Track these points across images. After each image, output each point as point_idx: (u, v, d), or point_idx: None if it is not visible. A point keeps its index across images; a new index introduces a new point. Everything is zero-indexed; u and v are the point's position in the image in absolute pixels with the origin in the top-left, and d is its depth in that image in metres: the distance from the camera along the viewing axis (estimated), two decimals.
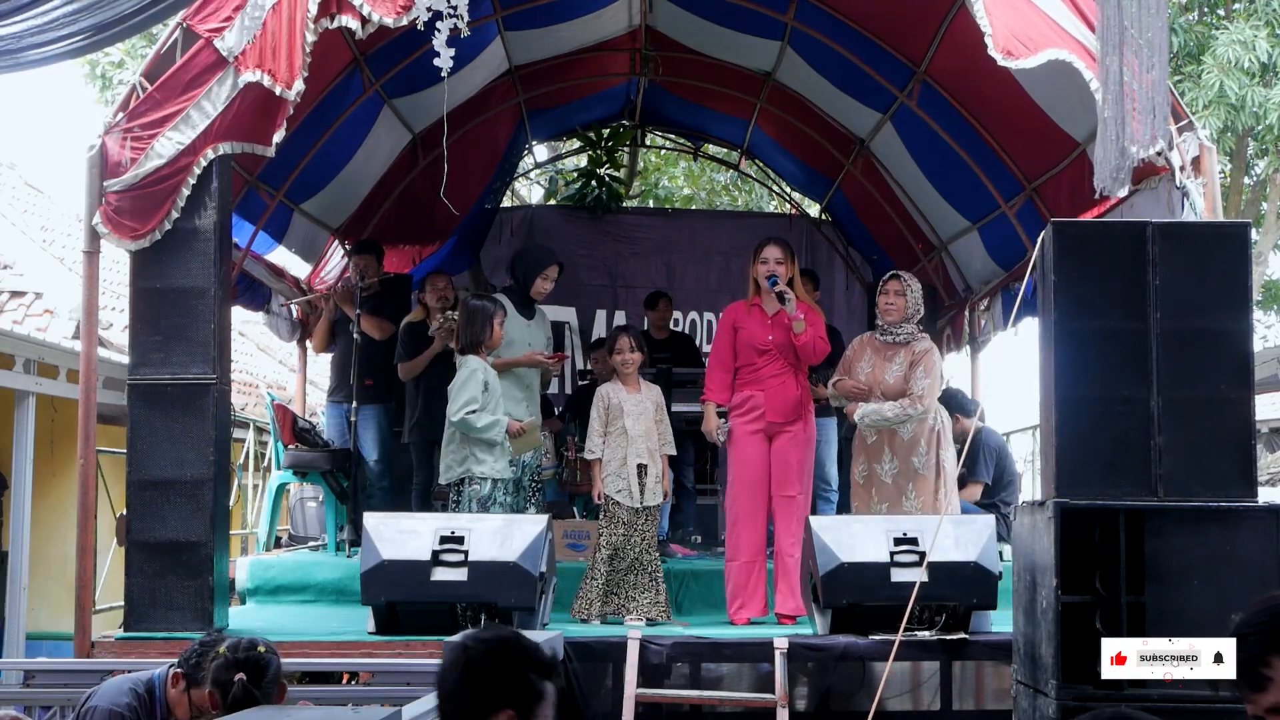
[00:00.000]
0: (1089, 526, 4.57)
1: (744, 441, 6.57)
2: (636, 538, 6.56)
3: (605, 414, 6.68)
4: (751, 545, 6.54)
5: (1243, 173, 14.40)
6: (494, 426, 6.34)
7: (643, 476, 6.60)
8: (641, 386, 6.78)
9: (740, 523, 6.55)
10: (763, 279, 6.56)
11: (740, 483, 6.58)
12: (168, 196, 5.73)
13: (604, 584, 6.52)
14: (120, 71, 14.31)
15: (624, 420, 6.63)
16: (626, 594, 6.52)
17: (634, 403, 6.68)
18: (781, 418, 6.55)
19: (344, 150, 8.42)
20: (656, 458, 6.66)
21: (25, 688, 5.22)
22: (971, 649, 5.80)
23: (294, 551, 8.83)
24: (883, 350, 6.68)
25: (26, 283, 10.56)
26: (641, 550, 6.56)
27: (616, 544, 6.55)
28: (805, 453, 6.66)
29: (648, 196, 15.07)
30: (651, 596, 6.51)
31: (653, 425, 6.68)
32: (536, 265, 7.03)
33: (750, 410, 6.57)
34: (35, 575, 9.91)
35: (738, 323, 6.67)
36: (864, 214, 10.34)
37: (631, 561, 6.54)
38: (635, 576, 6.53)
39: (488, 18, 8.06)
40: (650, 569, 6.57)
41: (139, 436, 5.78)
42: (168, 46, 5.84)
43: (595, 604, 6.49)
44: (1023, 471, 10.28)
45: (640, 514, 6.58)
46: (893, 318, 6.67)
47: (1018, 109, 7.05)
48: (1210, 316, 4.69)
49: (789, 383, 6.60)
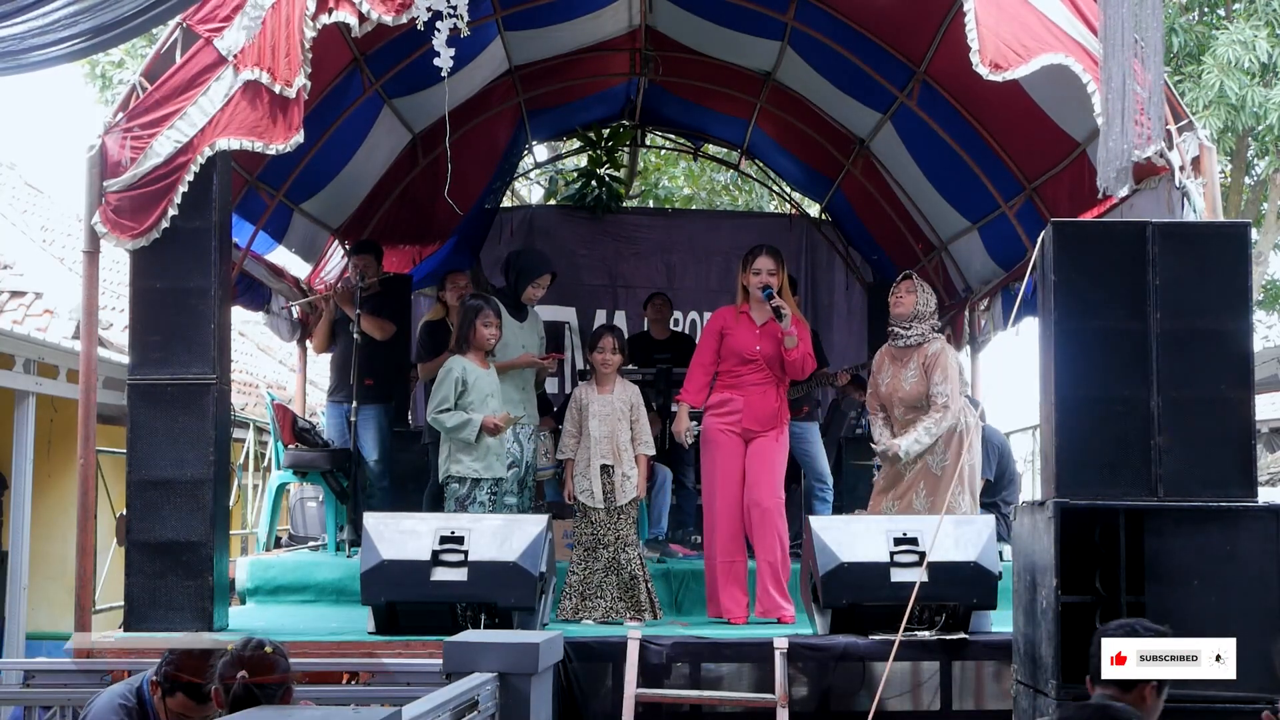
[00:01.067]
0: (1089, 526, 4.57)
1: (720, 440, 6.58)
2: (610, 537, 6.57)
3: (577, 415, 6.72)
4: (729, 545, 6.54)
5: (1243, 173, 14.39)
6: (465, 426, 6.34)
7: (608, 477, 6.60)
8: (615, 387, 6.77)
9: (719, 523, 6.56)
10: (755, 289, 6.56)
11: (717, 481, 6.59)
12: (165, 194, 5.73)
13: (580, 584, 6.54)
14: (120, 71, 14.31)
15: (589, 422, 6.65)
16: (609, 595, 6.53)
17: (600, 404, 6.69)
18: (758, 425, 6.57)
19: (344, 150, 8.41)
20: (625, 458, 6.64)
21: (25, 688, 5.22)
22: (971, 649, 5.80)
23: (294, 551, 8.83)
24: (897, 357, 6.65)
25: (26, 283, 10.57)
26: (617, 550, 6.57)
27: (586, 544, 6.58)
28: (779, 461, 6.66)
29: (648, 196, 15.07)
30: (631, 597, 6.52)
31: (620, 426, 6.67)
32: (528, 273, 7.05)
33: (729, 412, 6.58)
34: (35, 575, 9.92)
35: (725, 329, 6.67)
36: (864, 214, 10.33)
37: (607, 562, 6.55)
38: (614, 577, 6.54)
39: (487, 18, 8.06)
40: (629, 569, 6.56)
41: (139, 436, 5.78)
42: (168, 46, 5.84)
43: (571, 602, 6.52)
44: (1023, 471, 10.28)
45: (611, 514, 6.59)
46: (900, 310, 6.63)
47: (1018, 109, 7.04)
48: (1210, 316, 4.69)
49: (769, 393, 6.61)
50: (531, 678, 4.51)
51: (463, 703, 4.06)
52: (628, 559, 6.58)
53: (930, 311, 6.66)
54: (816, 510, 8.06)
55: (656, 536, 8.03)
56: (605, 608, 6.51)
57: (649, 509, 8.10)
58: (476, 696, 4.20)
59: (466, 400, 6.39)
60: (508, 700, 4.44)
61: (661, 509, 8.20)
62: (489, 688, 4.34)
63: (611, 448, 6.63)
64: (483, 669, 4.41)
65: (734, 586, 6.54)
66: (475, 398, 6.41)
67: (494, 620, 5.67)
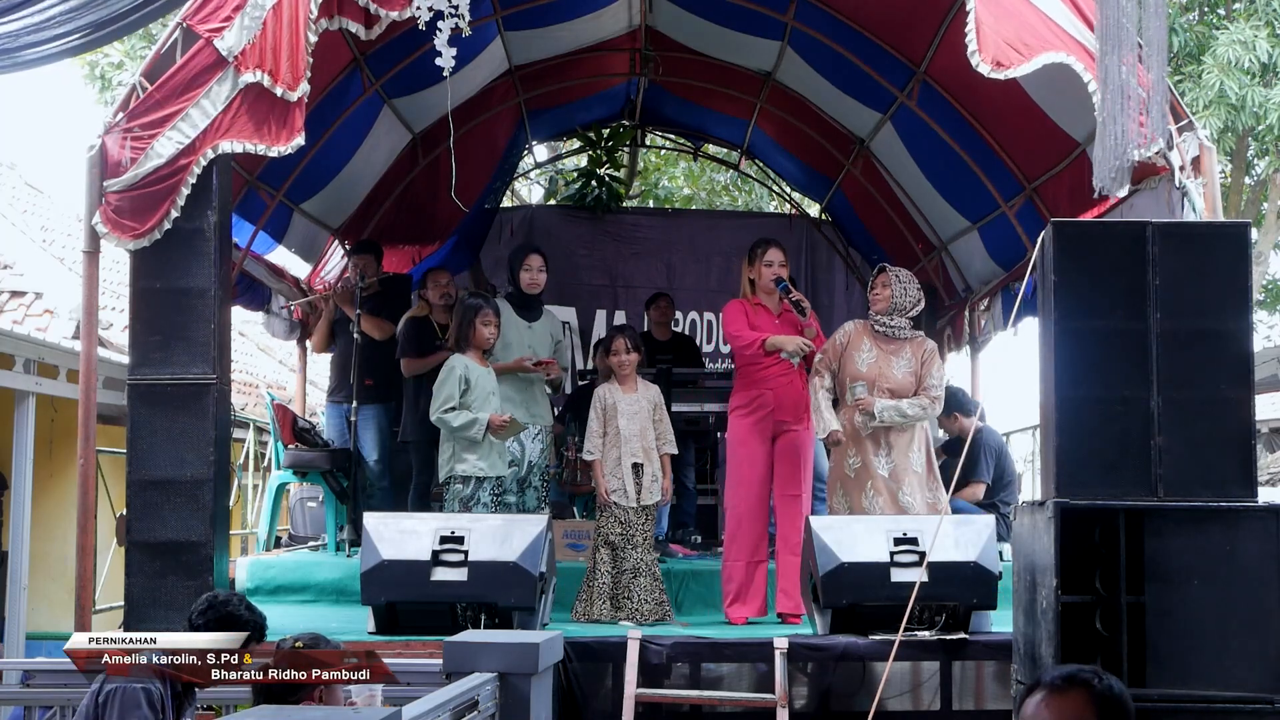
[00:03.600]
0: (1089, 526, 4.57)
1: (748, 440, 6.58)
2: (638, 537, 6.56)
3: (603, 414, 6.70)
4: (754, 545, 6.55)
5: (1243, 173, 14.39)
6: (472, 425, 6.34)
7: (638, 476, 6.60)
8: (639, 386, 6.78)
9: (744, 522, 6.55)
10: (768, 281, 6.56)
11: (743, 481, 6.58)
12: (167, 196, 5.73)
13: (610, 586, 6.52)
14: (120, 72, 14.31)
15: (618, 420, 6.64)
16: (635, 597, 6.51)
17: (629, 402, 6.69)
18: (788, 416, 6.58)
19: (344, 150, 8.42)
20: (654, 456, 6.66)
21: (25, 688, 5.22)
22: (971, 649, 5.80)
23: (294, 551, 8.83)
24: (885, 343, 6.54)
25: (26, 283, 10.57)
26: (643, 551, 6.57)
27: (615, 543, 6.55)
28: (808, 452, 6.71)
29: (648, 196, 15.07)
30: (656, 598, 6.52)
31: (648, 424, 6.68)
32: (517, 260, 7.15)
33: (758, 409, 6.57)
34: (35, 575, 9.91)
35: (749, 317, 6.65)
36: (864, 214, 10.34)
37: (635, 563, 6.54)
38: (640, 579, 6.53)
39: (488, 18, 8.06)
40: (652, 571, 6.57)
41: (139, 436, 5.78)
42: (167, 47, 5.84)
43: (597, 605, 6.49)
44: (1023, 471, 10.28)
45: (639, 513, 6.59)
46: (879, 307, 6.55)
47: (1018, 109, 7.05)
48: (1210, 316, 4.69)
49: (795, 382, 6.62)
50: (531, 678, 4.51)
51: (463, 703, 4.06)
52: (650, 560, 6.59)
53: (911, 304, 6.56)
54: (816, 511, 8.03)
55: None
56: (630, 608, 6.47)
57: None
58: (476, 696, 4.20)
59: (469, 399, 6.39)
60: (508, 700, 4.44)
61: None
62: (489, 688, 4.34)
63: (642, 445, 6.64)
64: (483, 669, 4.41)
65: (758, 590, 6.54)
66: (477, 397, 6.42)
67: (494, 620, 5.67)
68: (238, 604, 4.36)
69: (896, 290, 6.52)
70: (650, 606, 6.48)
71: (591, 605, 6.50)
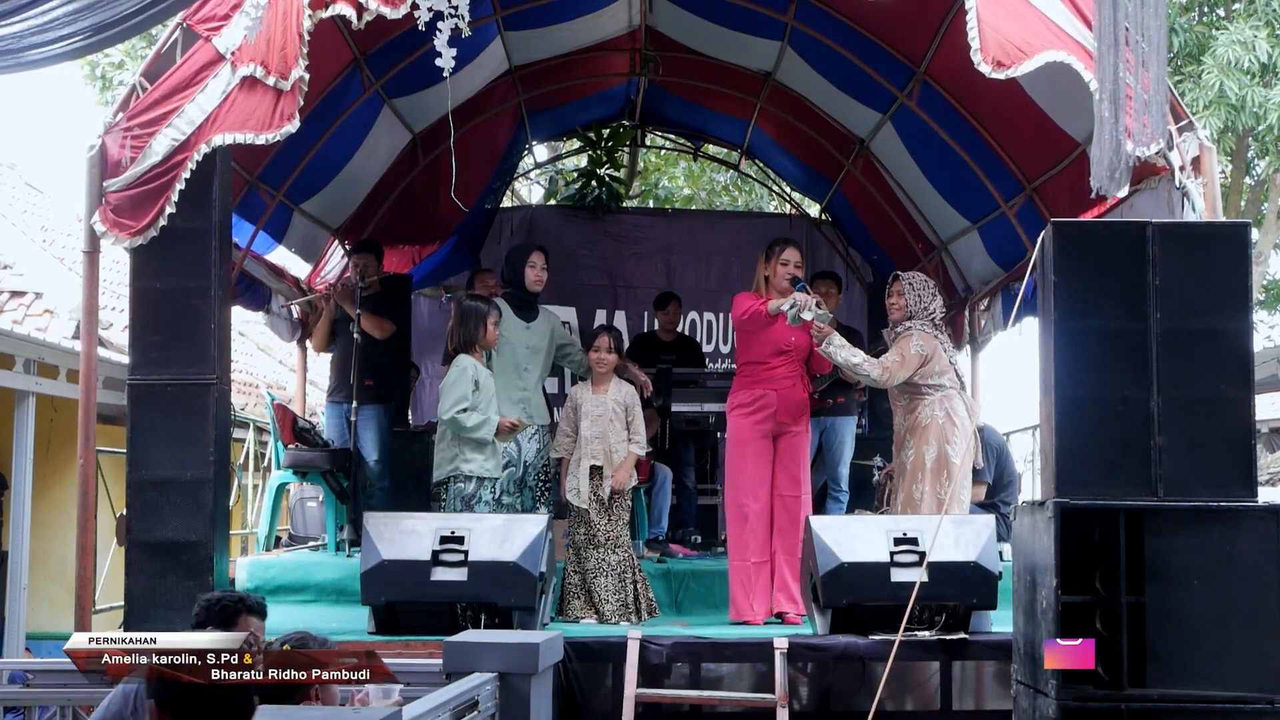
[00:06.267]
0: (1089, 526, 4.57)
1: (751, 440, 6.58)
2: (600, 537, 6.58)
3: (572, 414, 6.74)
4: (761, 545, 6.55)
5: (1243, 173, 14.38)
6: (484, 425, 6.35)
7: (598, 478, 6.62)
8: (610, 387, 6.78)
9: (750, 522, 6.55)
10: (783, 279, 6.55)
11: (748, 482, 6.58)
12: (163, 192, 5.72)
13: (581, 584, 6.57)
14: (120, 72, 14.32)
15: (580, 421, 6.66)
16: (596, 596, 6.54)
17: (593, 404, 6.71)
18: (790, 419, 6.60)
19: (344, 150, 8.41)
20: (616, 459, 6.65)
21: (25, 688, 5.21)
22: (971, 649, 5.81)
23: (294, 551, 8.83)
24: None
25: (26, 283, 10.57)
26: (606, 551, 6.58)
27: (579, 544, 6.60)
28: (806, 454, 6.76)
29: (648, 196, 15.06)
30: (620, 599, 6.53)
31: (612, 427, 6.67)
32: (521, 257, 7.10)
33: (761, 409, 6.57)
34: (35, 575, 9.91)
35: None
36: (864, 214, 10.33)
37: (596, 563, 6.56)
38: (600, 579, 6.55)
39: (487, 18, 8.06)
40: (618, 570, 6.57)
41: (139, 436, 5.78)
42: (168, 46, 5.84)
43: (572, 604, 6.55)
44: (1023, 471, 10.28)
45: (601, 514, 6.60)
46: (895, 316, 6.72)
47: (1018, 109, 7.04)
48: (1210, 316, 4.69)
49: (798, 385, 6.66)
50: (531, 678, 4.51)
51: (463, 703, 4.06)
52: (619, 560, 6.58)
53: (925, 306, 6.64)
54: (829, 512, 8.01)
55: (657, 536, 8.03)
56: (606, 610, 6.50)
57: (649, 509, 8.10)
58: (476, 696, 4.20)
59: (476, 399, 6.39)
60: (508, 700, 4.44)
61: (662, 509, 8.20)
62: (489, 688, 4.34)
63: (603, 448, 6.64)
64: (483, 669, 4.41)
65: (763, 590, 6.55)
66: (484, 397, 6.43)
67: (494, 620, 5.68)
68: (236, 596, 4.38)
69: (910, 297, 6.64)
70: (612, 607, 6.49)
71: (567, 604, 6.54)
